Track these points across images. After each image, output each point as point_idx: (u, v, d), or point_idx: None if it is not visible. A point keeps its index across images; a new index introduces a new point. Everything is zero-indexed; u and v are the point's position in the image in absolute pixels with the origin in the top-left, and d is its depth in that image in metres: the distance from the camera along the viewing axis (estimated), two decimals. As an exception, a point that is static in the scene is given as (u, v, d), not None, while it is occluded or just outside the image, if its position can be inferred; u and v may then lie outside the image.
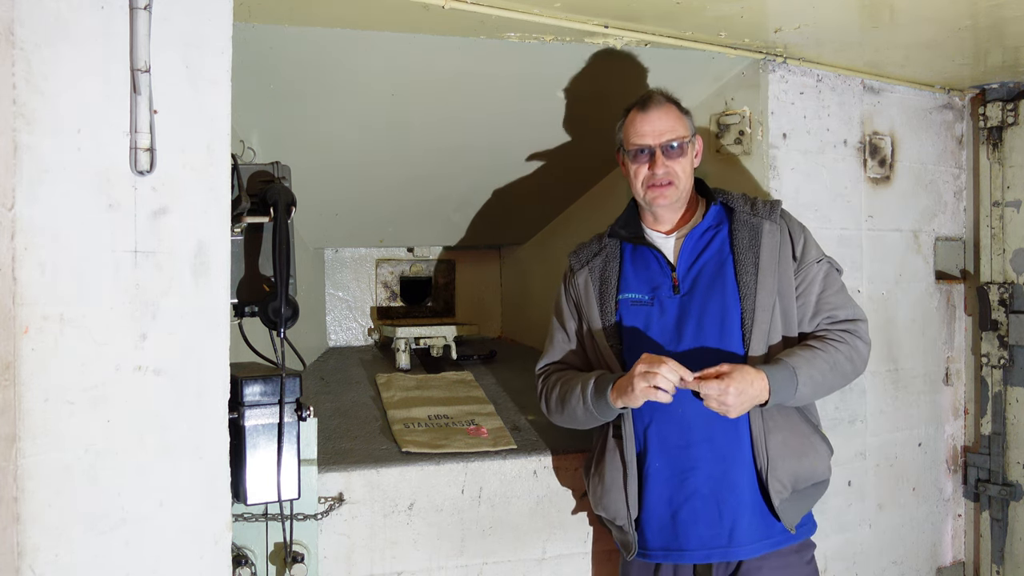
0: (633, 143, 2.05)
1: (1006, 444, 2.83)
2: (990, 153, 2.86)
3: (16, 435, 1.41)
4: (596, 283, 2.14)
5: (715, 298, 2.00)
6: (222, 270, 1.60)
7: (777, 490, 1.92)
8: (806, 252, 2.05)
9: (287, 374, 1.80)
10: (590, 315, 2.12)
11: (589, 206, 3.36)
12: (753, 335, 1.95)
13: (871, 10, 2.13)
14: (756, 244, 2.02)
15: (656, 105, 2.05)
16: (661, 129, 2.02)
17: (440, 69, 2.33)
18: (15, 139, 1.40)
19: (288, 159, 1.93)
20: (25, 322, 1.41)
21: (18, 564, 1.41)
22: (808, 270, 2.04)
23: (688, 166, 2.06)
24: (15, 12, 1.39)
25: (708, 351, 1.96)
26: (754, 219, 2.06)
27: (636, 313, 2.06)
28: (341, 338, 3.72)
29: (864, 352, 2.03)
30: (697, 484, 1.94)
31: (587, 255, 2.21)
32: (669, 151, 2.02)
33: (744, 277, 1.99)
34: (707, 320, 1.99)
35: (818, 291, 2.04)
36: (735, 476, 1.93)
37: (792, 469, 1.93)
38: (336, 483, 2.13)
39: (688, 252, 2.07)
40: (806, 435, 2.00)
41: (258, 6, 1.91)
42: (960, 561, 2.97)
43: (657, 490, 1.97)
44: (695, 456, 1.94)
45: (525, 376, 3.15)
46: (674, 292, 2.04)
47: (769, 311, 1.97)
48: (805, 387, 1.89)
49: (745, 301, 1.98)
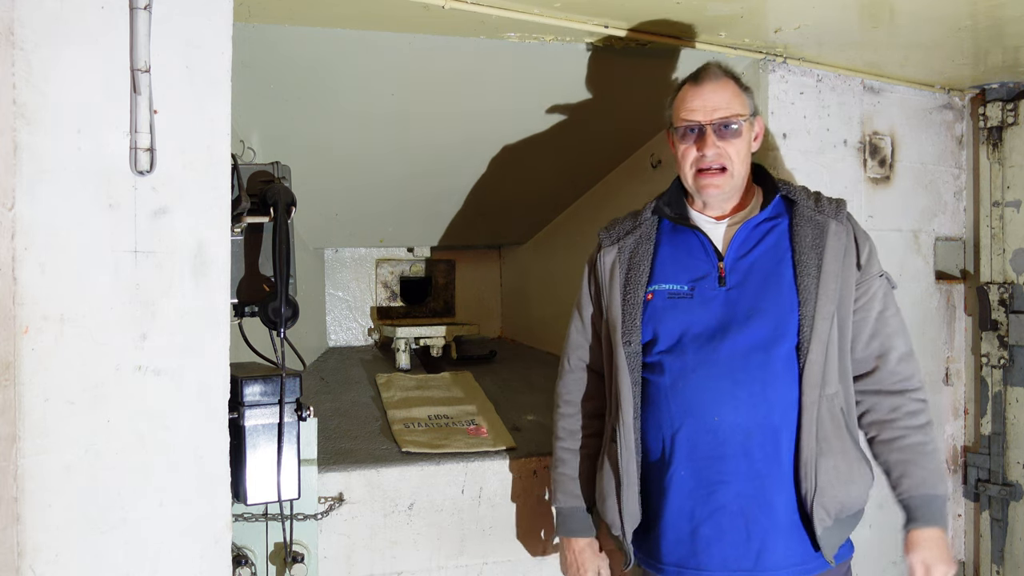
0: (682, 119, 1.83)
1: (1006, 444, 2.83)
2: (990, 153, 2.86)
3: (16, 435, 1.41)
4: (624, 266, 1.89)
5: (770, 297, 1.78)
6: (222, 270, 1.60)
7: (821, 518, 1.74)
8: (870, 263, 1.85)
9: (287, 374, 1.79)
10: (611, 303, 1.88)
11: (589, 206, 3.36)
12: (812, 347, 1.74)
13: (871, 10, 2.12)
14: (820, 245, 1.80)
15: (711, 78, 1.83)
16: (714, 105, 1.80)
17: (440, 69, 2.33)
18: (15, 139, 1.40)
19: (288, 159, 1.93)
20: (25, 322, 1.41)
21: (18, 564, 1.41)
22: (871, 283, 1.84)
23: (744, 149, 1.83)
24: (15, 12, 1.39)
25: (753, 356, 1.76)
26: (819, 216, 1.84)
27: (672, 307, 1.83)
28: (341, 338, 3.72)
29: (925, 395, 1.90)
30: (725, 499, 1.75)
31: (619, 232, 1.96)
32: (722, 131, 1.79)
33: (804, 280, 1.77)
34: (757, 321, 1.76)
35: (878, 309, 1.85)
36: (770, 496, 1.75)
37: (839, 497, 1.76)
38: (336, 483, 2.12)
39: (740, 242, 1.84)
40: (854, 461, 1.82)
41: (258, 6, 1.91)
42: (960, 561, 2.97)
43: (678, 501, 1.79)
44: (727, 469, 1.75)
45: (525, 376, 3.16)
46: (719, 284, 1.81)
47: (829, 320, 1.75)
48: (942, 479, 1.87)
49: (804, 307, 1.75)
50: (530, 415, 2.64)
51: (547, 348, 3.66)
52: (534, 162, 2.96)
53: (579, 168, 3.13)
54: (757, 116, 1.89)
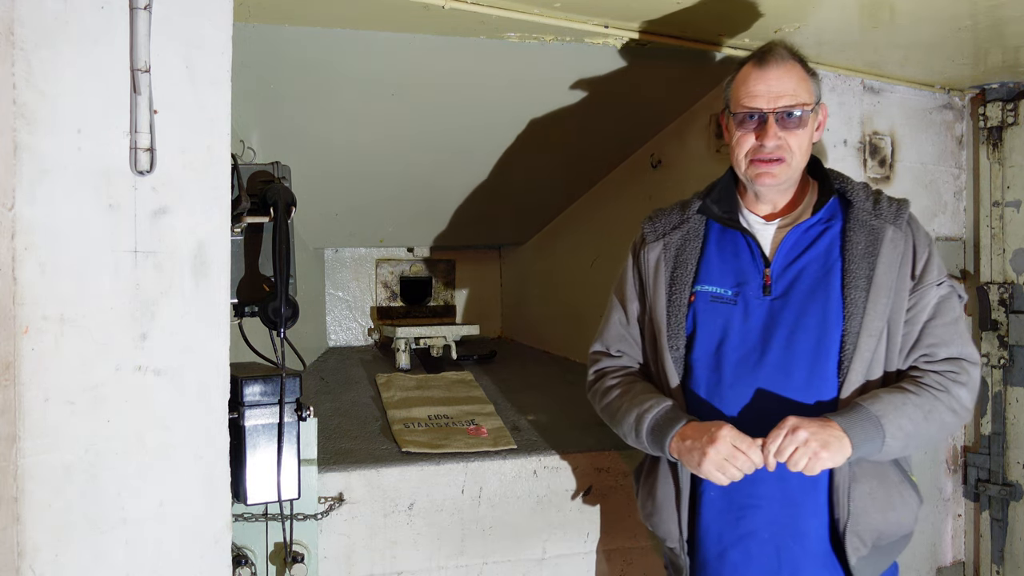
0: (742, 105, 1.70)
1: (1006, 444, 2.83)
2: (990, 153, 2.86)
3: (16, 435, 1.41)
4: (669, 264, 1.80)
5: (814, 310, 1.68)
6: (222, 270, 1.60)
7: (855, 547, 1.65)
8: (927, 271, 1.70)
9: (287, 374, 1.80)
10: (655, 304, 1.80)
11: (589, 206, 3.36)
12: (852, 365, 1.64)
13: (871, 10, 2.12)
14: (873, 253, 1.68)
15: (777, 61, 1.69)
16: (779, 91, 1.67)
17: (440, 69, 2.33)
18: (15, 139, 1.40)
19: (288, 159, 1.93)
20: (25, 322, 1.41)
21: (18, 564, 1.41)
22: (924, 293, 1.69)
23: (806, 140, 1.71)
24: (15, 12, 1.39)
25: (795, 373, 1.67)
26: (875, 221, 1.71)
27: (713, 312, 1.74)
28: (341, 338, 3.72)
29: (966, 400, 1.67)
30: (755, 525, 1.68)
31: (664, 226, 1.86)
32: (785, 120, 1.67)
33: (852, 292, 1.66)
34: (801, 335, 1.67)
35: (925, 319, 1.69)
36: (804, 523, 1.67)
37: (876, 525, 1.65)
38: (336, 483, 2.12)
39: (789, 247, 1.74)
40: (895, 484, 1.70)
41: (258, 6, 1.91)
42: (960, 561, 2.97)
43: (707, 522, 1.72)
44: (759, 493, 1.67)
45: (525, 376, 3.16)
46: (764, 293, 1.72)
47: (875, 338, 1.65)
48: (894, 440, 1.60)
49: (849, 322, 1.65)
50: (530, 415, 2.64)
51: (547, 348, 3.67)
52: (534, 162, 2.96)
53: (579, 168, 3.13)
54: (822, 104, 1.77)
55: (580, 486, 2.32)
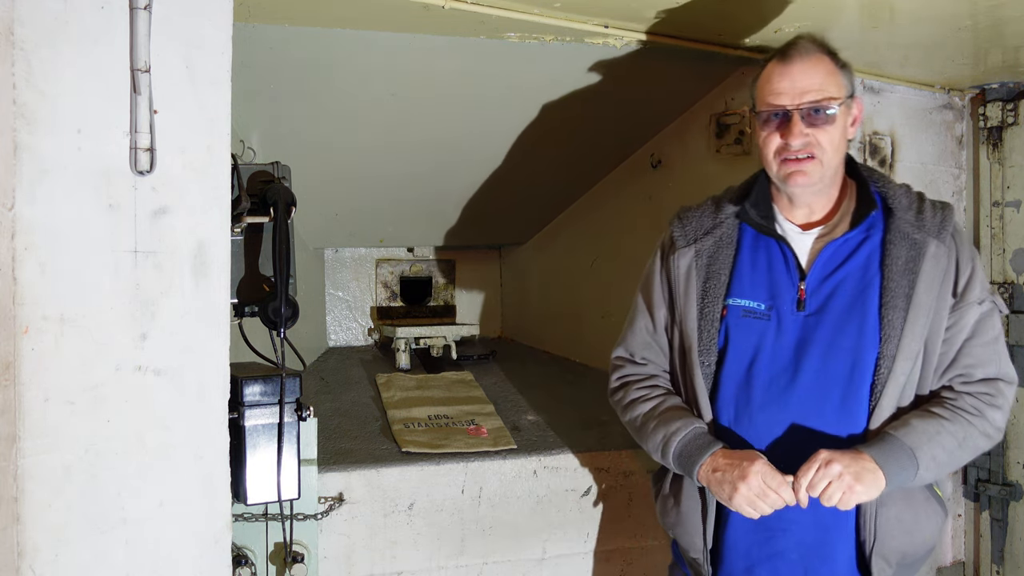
0: (767, 103, 1.62)
1: (1006, 444, 2.83)
2: (990, 153, 2.86)
3: (16, 435, 1.41)
4: (701, 274, 1.72)
5: (850, 330, 1.61)
6: (222, 270, 1.60)
7: (880, 568, 1.62)
8: (969, 289, 1.62)
9: (287, 374, 1.80)
10: (686, 315, 1.72)
11: (589, 206, 3.36)
12: (886, 390, 1.58)
13: (871, 10, 2.12)
14: (914, 271, 1.60)
15: (802, 55, 1.60)
16: (804, 87, 1.59)
17: (440, 69, 2.33)
18: (15, 139, 1.40)
19: (288, 159, 1.93)
20: (25, 322, 1.41)
21: (18, 564, 1.41)
22: (965, 312, 1.62)
23: (838, 137, 1.62)
24: (15, 12, 1.39)
25: (828, 396, 1.61)
26: (917, 234, 1.62)
27: (745, 328, 1.67)
28: (341, 338, 3.72)
29: (1000, 423, 1.62)
30: (785, 546, 1.64)
31: (696, 230, 1.77)
32: (812, 116, 1.59)
33: (890, 313, 1.58)
34: (835, 357, 1.61)
35: (964, 338, 1.62)
36: (832, 546, 1.64)
37: (901, 547, 1.63)
38: (336, 483, 2.12)
39: (826, 259, 1.65)
40: (921, 503, 1.67)
41: (258, 6, 1.91)
42: (960, 561, 2.97)
43: (734, 537, 1.69)
44: (790, 517, 1.61)
45: (525, 376, 3.16)
46: (797, 308, 1.64)
47: (911, 361, 1.58)
48: (927, 471, 1.56)
49: (886, 345, 1.58)
50: (530, 415, 2.64)
51: (547, 348, 3.67)
52: (534, 162, 2.96)
53: (579, 168, 3.13)
54: (855, 97, 1.67)
55: (580, 486, 2.32)
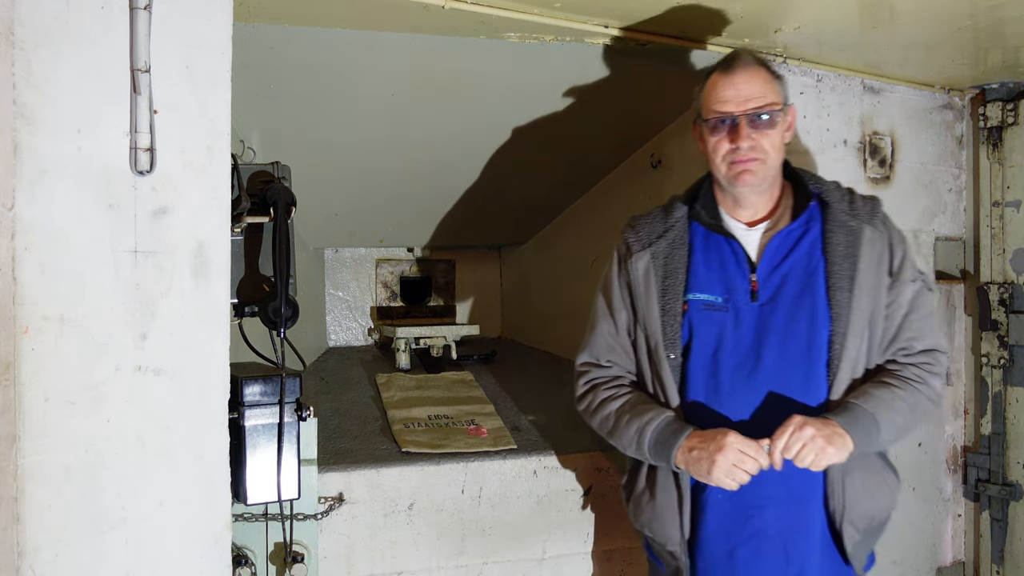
0: (713, 111, 1.75)
1: (1006, 444, 2.83)
2: (990, 153, 2.86)
3: (16, 435, 1.41)
4: (659, 274, 1.82)
5: (803, 314, 1.73)
6: (222, 270, 1.60)
7: (850, 534, 1.73)
8: (903, 268, 1.78)
9: (287, 374, 1.80)
10: (648, 314, 1.82)
11: (589, 206, 3.36)
12: (842, 364, 1.71)
13: (871, 10, 2.12)
14: (854, 255, 1.74)
15: (742, 67, 1.75)
16: (747, 95, 1.72)
17: (440, 69, 2.33)
18: (15, 139, 1.40)
19: (288, 159, 1.93)
20: (25, 322, 1.41)
21: (18, 564, 1.41)
22: (901, 289, 1.77)
23: (779, 140, 1.76)
24: (15, 12, 1.39)
25: (790, 376, 1.73)
26: (852, 222, 1.77)
27: (707, 320, 1.77)
28: (341, 338, 3.73)
29: (940, 388, 1.79)
30: (763, 524, 1.73)
31: (649, 235, 1.87)
32: (756, 122, 1.72)
33: (837, 293, 1.72)
34: (792, 339, 1.73)
35: (903, 313, 1.77)
36: (807, 518, 1.73)
37: (867, 512, 1.75)
38: (336, 483, 2.12)
39: (773, 251, 1.78)
40: (879, 471, 1.80)
41: (258, 6, 1.91)
42: (960, 561, 2.97)
43: (713, 523, 1.76)
44: (765, 494, 1.71)
45: (525, 376, 3.16)
46: (751, 299, 1.76)
47: (859, 337, 1.72)
48: (888, 434, 1.70)
49: (836, 323, 1.71)
50: (530, 415, 2.64)
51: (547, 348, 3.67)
52: (534, 162, 2.96)
53: (579, 168, 3.13)
54: (790, 105, 1.81)
55: (580, 486, 2.32)
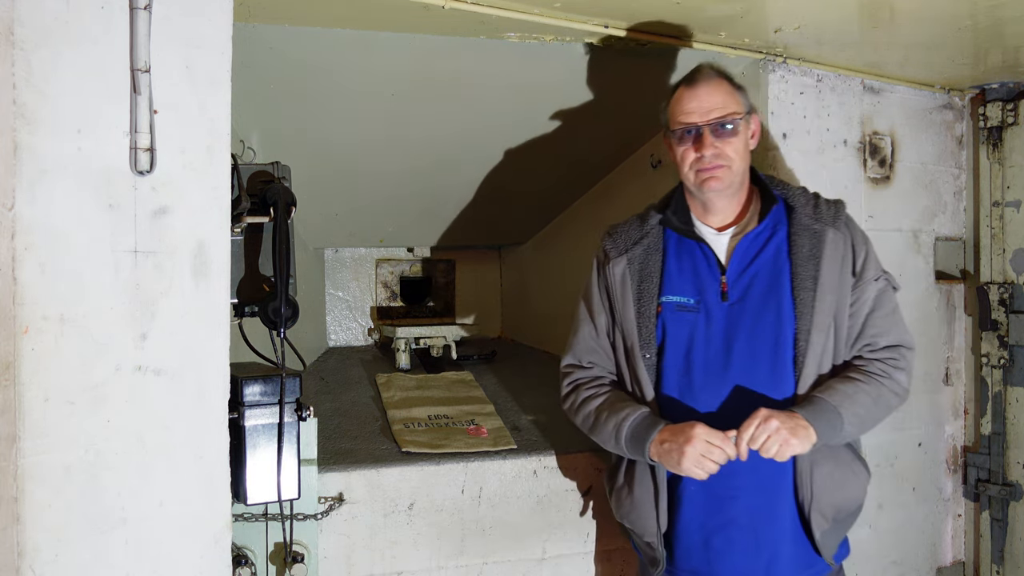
0: (679, 122, 1.84)
1: (1006, 444, 2.83)
2: (990, 153, 2.86)
3: (16, 435, 1.41)
4: (635, 278, 1.91)
5: (769, 313, 1.82)
6: (222, 270, 1.60)
7: (819, 523, 1.81)
8: (866, 268, 1.86)
9: (287, 374, 1.80)
10: (624, 316, 1.91)
11: (589, 206, 3.36)
12: (807, 360, 1.79)
13: (871, 10, 2.12)
14: (817, 255, 1.82)
15: (705, 80, 1.84)
16: (709, 106, 1.81)
17: (440, 69, 2.33)
18: (15, 139, 1.40)
19: (288, 159, 1.93)
20: (25, 322, 1.41)
21: (18, 564, 1.41)
22: (864, 288, 1.85)
23: (742, 147, 1.84)
24: (15, 12, 1.39)
25: (758, 372, 1.81)
26: (816, 225, 1.85)
27: (680, 320, 1.86)
28: (341, 338, 3.73)
29: (905, 383, 1.86)
30: (735, 513, 1.81)
31: (626, 242, 1.96)
32: (719, 131, 1.80)
33: (801, 293, 1.80)
34: (759, 337, 1.81)
35: (867, 311, 1.86)
36: (777, 507, 1.81)
37: (835, 502, 1.82)
38: (336, 483, 2.12)
39: (741, 254, 1.87)
40: (848, 463, 1.87)
41: (258, 6, 1.91)
42: (960, 561, 2.97)
43: (689, 513, 1.85)
44: (736, 485, 1.80)
45: (525, 376, 3.16)
46: (722, 299, 1.84)
47: (824, 333, 1.80)
48: (851, 426, 1.76)
49: (801, 320, 1.79)
50: (530, 415, 2.64)
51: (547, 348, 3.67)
52: (534, 162, 2.96)
53: (579, 168, 3.13)
54: (753, 114, 1.90)
55: (580, 486, 2.32)
